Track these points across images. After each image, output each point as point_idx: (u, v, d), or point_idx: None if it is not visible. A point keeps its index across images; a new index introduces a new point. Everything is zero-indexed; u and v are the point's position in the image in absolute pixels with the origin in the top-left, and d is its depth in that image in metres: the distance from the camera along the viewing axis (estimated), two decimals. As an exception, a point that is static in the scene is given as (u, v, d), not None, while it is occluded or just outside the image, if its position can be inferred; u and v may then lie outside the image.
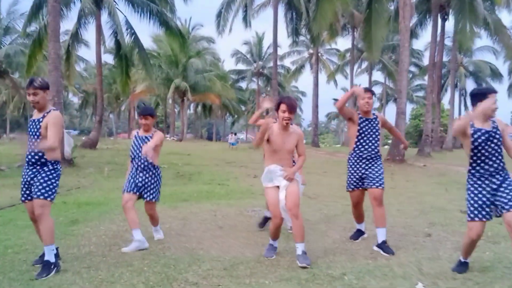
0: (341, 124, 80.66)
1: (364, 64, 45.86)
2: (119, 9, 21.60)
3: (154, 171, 4.73)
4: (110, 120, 69.02)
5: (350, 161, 4.78)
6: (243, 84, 57.34)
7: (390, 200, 7.38)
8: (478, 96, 3.60)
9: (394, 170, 13.79)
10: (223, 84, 42.22)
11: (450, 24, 28.97)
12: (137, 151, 4.67)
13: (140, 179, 4.66)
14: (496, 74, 40.85)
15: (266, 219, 5.43)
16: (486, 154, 3.55)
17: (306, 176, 5.67)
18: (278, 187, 4.14)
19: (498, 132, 3.55)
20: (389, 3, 21.85)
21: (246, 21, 27.59)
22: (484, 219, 3.54)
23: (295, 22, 27.31)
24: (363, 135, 4.68)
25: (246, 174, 12.54)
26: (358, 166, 4.70)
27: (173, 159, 16.43)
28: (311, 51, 51.10)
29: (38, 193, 3.67)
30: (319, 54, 51.10)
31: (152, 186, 4.70)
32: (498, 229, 5.13)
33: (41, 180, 3.71)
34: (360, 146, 4.69)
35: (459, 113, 41.32)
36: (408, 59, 16.22)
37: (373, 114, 4.78)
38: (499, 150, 3.57)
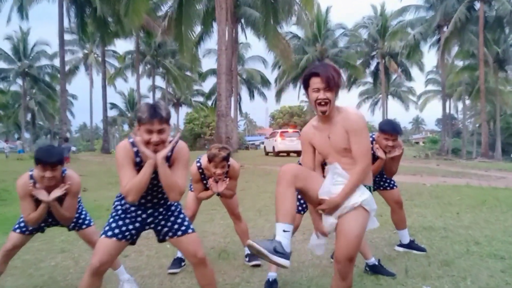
0: (112, 129, 77.94)
1: (147, 68, 45.25)
2: None
3: None
4: None
5: None
6: (2, 86, 49.64)
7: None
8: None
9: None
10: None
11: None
12: None
13: None
14: (265, 81, 45.27)
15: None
16: None
17: None
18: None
19: None
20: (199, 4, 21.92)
21: (21, 12, 23.79)
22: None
23: (81, 18, 24.83)
24: None
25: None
26: None
27: None
28: (86, 51, 47.84)
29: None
30: (95, 56, 48.30)
31: None
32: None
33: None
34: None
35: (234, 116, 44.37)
36: (225, 62, 16.55)
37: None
38: None
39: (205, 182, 3.97)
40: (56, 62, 48.24)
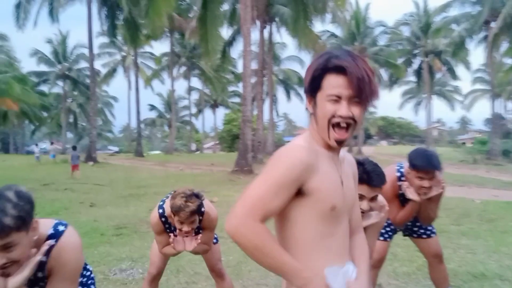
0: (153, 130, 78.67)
1: (182, 70, 45.00)
2: None
3: None
4: None
5: None
6: (45, 88, 50.71)
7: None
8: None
9: (246, 181, 12.83)
10: (23, 87, 36.22)
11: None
12: None
13: None
14: (302, 82, 44.12)
15: None
16: None
17: None
18: None
19: None
20: (223, 4, 21.11)
21: (52, 15, 23.69)
22: None
23: (111, 20, 24.52)
24: None
25: (78, 202, 9.91)
26: None
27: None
28: (123, 53, 48.11)
29: None
30: (133, 58, 48.54)
31: None
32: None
33: None
34: None
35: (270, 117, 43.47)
36: (250, 63, 15.65)
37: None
38: None
39: (170, 232, 2.91)
40: (96, 64, 49.01)
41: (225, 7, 22.01)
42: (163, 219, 2.86)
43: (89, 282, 2.03)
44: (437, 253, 3.37)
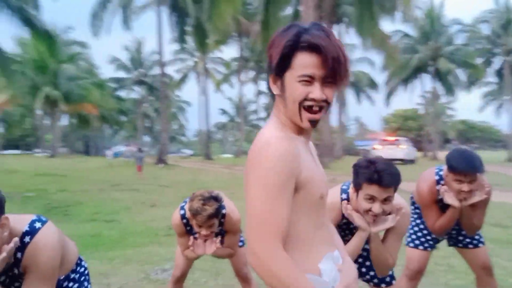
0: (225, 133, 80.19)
1: (251, 74, 45.51)
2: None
3: None
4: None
5: None
6: (122, 93, 53.47)
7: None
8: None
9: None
10: (102, 93, 38.48)
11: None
12: None
13: None
14: (373, 84, 42.96)
15: None
16: None
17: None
18: None
19: None
20: (286, 6, 21.03)
21: (125, 23, 24.91)
22: None
23: (180, 27, 25.31)
24: None
25: (140, 202, 10.26)
26: None
27: (43, 184, 13.41)
28: (195, 59, 49.47)
29: None
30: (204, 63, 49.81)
31: None
32: None
33: None
34: None
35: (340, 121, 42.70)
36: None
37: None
38: None
39: (193, 234, 2.83)
40: (168, 70, 50.97)
41: (289, 10, 21.89)
42: (184, 220, 2.81)
43: (82, 278, 2.00)
44: (485, 265, 3.02)
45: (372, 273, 2.48)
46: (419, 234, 3.09)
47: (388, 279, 2.48)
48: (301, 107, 1.25)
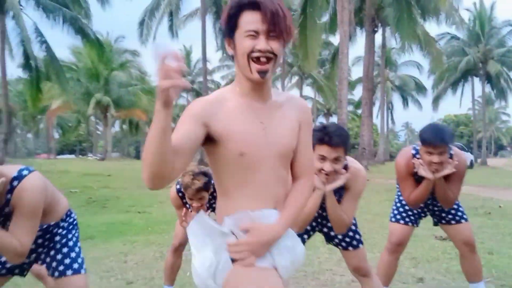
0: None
1: (294, 79, 45.66)
2: (26, 14, 19.18)
3: None
4: (28, 140, 63.86)
5: None
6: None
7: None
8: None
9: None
10: (151, 99, 39.92)
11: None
12: None
13: None
14: (420, 88, 42.03)
15: None
16: None
17: None
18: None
19: None
20: (324, 11, 21.14)
21: (172, 31, 25.85)
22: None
23: (222, 34, 25.92)
24: None
25: (173, 197, 10.74)
26: None
27: (89, 182, 14.25)
28: (241, 65, 50.36)
29: None
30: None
31: None
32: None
33: None
34: None
35: (387, 127, 42.02)
36: (347, 66, 15.48)
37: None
38: None
39: (189, 207, 3.16)
40: (215, 77, 52.17)
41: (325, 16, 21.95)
42: (180, 194, 3.16)
43: (71, 227, 2.34)
44: (468, 240, 3.11)
45: (340, 236, 2.68)
46: (401, 209, 3.25)
47: (355, 242, 2.68)
48: (249, 59, 1.40)
